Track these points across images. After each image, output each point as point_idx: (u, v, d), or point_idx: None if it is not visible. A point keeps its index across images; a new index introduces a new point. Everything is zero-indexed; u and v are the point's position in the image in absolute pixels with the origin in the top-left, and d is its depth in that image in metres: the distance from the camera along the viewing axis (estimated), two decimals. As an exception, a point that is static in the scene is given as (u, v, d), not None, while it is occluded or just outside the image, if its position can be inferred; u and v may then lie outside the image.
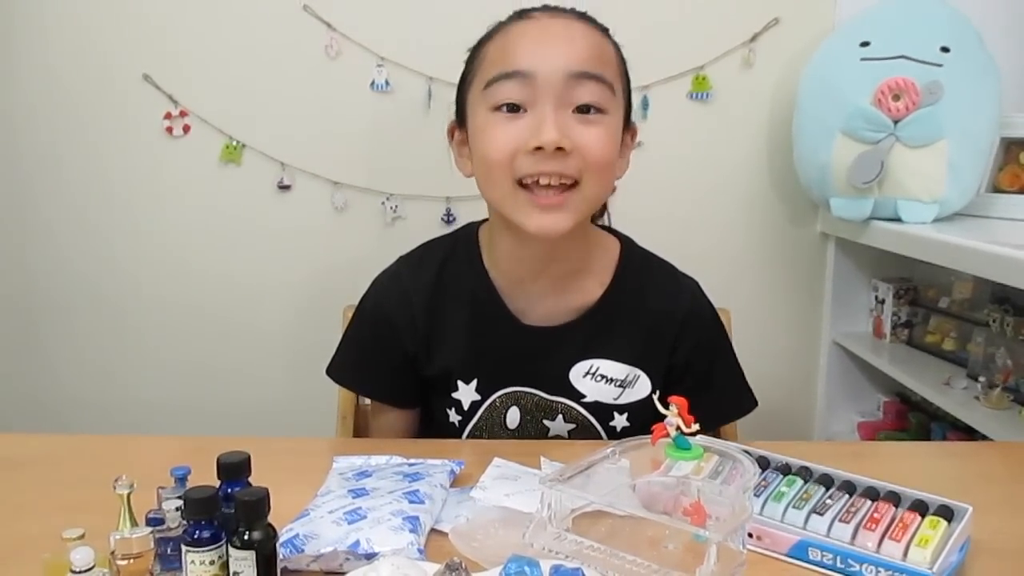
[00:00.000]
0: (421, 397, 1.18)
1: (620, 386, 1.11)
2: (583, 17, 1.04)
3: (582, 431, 1.11)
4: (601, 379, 1.10)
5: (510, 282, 1.11)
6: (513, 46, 1.00)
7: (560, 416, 1.11)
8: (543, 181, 0.97)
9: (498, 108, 0.99)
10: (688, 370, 1.14)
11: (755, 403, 1.19)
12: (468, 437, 1.13)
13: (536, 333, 1.11)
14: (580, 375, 1.10)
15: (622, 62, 1.07)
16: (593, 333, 1.11)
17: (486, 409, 1.11)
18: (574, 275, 1.11)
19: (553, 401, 1.10)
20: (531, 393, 1.11)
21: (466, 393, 1.11)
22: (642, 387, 1.11)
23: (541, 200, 0.98)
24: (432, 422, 1.18)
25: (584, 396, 1.10)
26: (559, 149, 0.95)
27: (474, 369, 1.11)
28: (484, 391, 1.11)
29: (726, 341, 1.21)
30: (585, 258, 1.11)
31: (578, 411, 1.11)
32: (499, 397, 1.11)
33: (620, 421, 1.11)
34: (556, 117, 0.96)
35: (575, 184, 0.99)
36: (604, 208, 1.22)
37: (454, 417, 1.13)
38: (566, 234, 1.00)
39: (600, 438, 1.11)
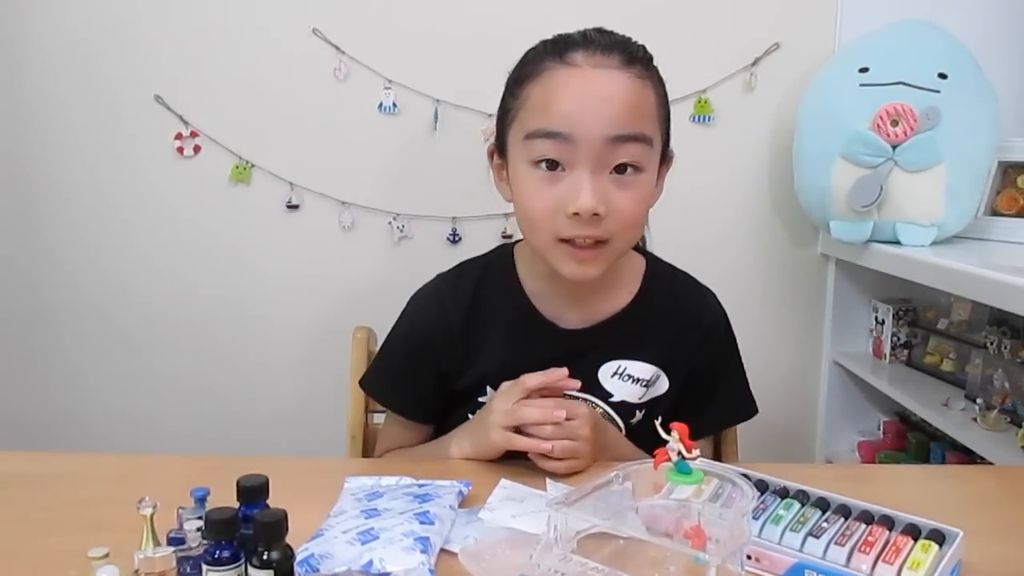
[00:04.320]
0: (439, 416, 1.20)
1: (645, 386, 1.15)
2: (626, 63, 1.02)
3: None
4: (628, 379, 1.14)
5: (544, 293, 1.15)
6: (555, 102, 1.00)
7: None
8: (579, 241, 1.02)
9: (537, 163, 1.02)
10: (705, 375, 1.18)
11: (757, 409, 1.24)
12: None
13: (571, 336, 1.15)
14: (608, 375, 1.14)
15: (662, 100, 1.08)
16: (624, 335, 1.15)
17: None
18: (605, 286, 1.15)
19: (581, 398, 1.11)
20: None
21: None
22: (661, 386, 1.16)
23: (577, 255, 1.03)
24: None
25: (612, 396, 1.13)
26: (595, 215, 0.99)
27: (509, 377, 1.11)
28: None
29: (737, 349, 1.26)
30: (614, 273, 1.15)
31: (604, 410, 1.14)
32: None
33: (637, 416, 1.15)
34: (593, 183, 0.99)
35: (608, 239, 1.03)
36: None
37: None
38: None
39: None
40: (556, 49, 1.03)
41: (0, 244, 1.92)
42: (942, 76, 1.65)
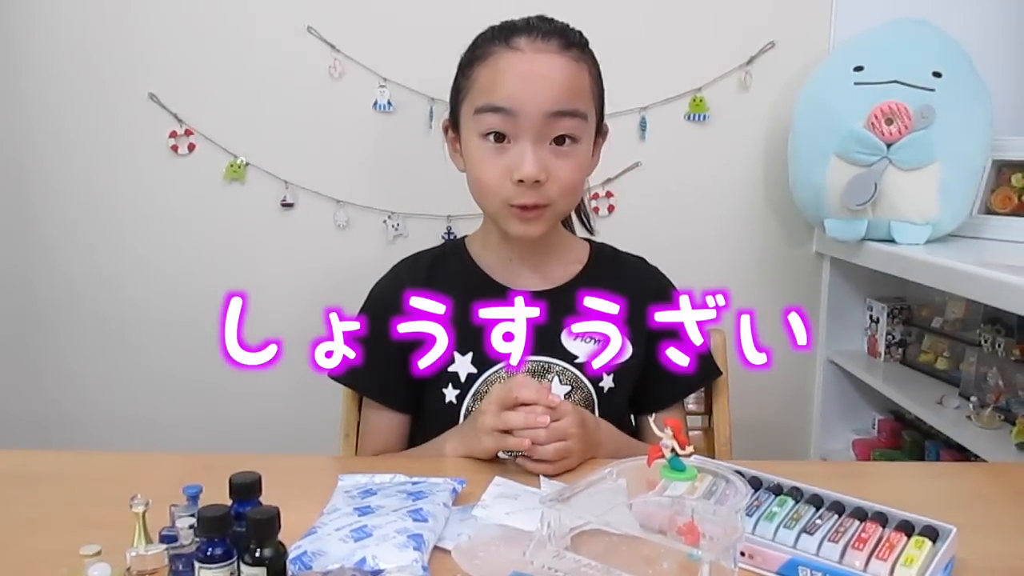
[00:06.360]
0: (412, 402, 1.24)
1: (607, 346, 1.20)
2: (564, 47, 1.13)
3: (577, 393, 1.20)
4: (590, 340, 1.20)
5: (497, 263, 1.26)
6: (501, 81, 1.12)
7: (556, 378, 1.20)
8: (524, 204, 1.13)
9: (486, 135, 1.13)
10: (665, 336, 1.21)
11: (720, 370, 1.34)
12: (468, 412, 1.19)
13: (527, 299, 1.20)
14: (571, 337, 1.21)
15: (596, 79, 1.19)
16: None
17: (483, 382, 1.19)
18: (553, 255, 1.27)
19: (548, 362, 1.19)
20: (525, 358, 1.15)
21: (463, 365, 1.19)
22: (625, 350, 1.21)
23: (522, 215, 1.15)
24: (425, 429, 1.22)
25: (576, 357, 1.20)
26: (537, 181, 1.11)
27: (470, 341, 1.18)
28: (480, 364, 1.19)
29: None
30: (561, 245, 1.28)
31: (572, 372, 1.20)
32: (495, 368, 1.19)
33: (607, 382, 1.22)
34: (535, 153, 1.11)
35: (550, 203, 1.15)
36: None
37: (451, 395, 1.20)
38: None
39: (593, 402, 1.20)
40: (502, 35, 1.15)
41: (-6, 242, 1.91)
42: (936, 75, 1.65)
